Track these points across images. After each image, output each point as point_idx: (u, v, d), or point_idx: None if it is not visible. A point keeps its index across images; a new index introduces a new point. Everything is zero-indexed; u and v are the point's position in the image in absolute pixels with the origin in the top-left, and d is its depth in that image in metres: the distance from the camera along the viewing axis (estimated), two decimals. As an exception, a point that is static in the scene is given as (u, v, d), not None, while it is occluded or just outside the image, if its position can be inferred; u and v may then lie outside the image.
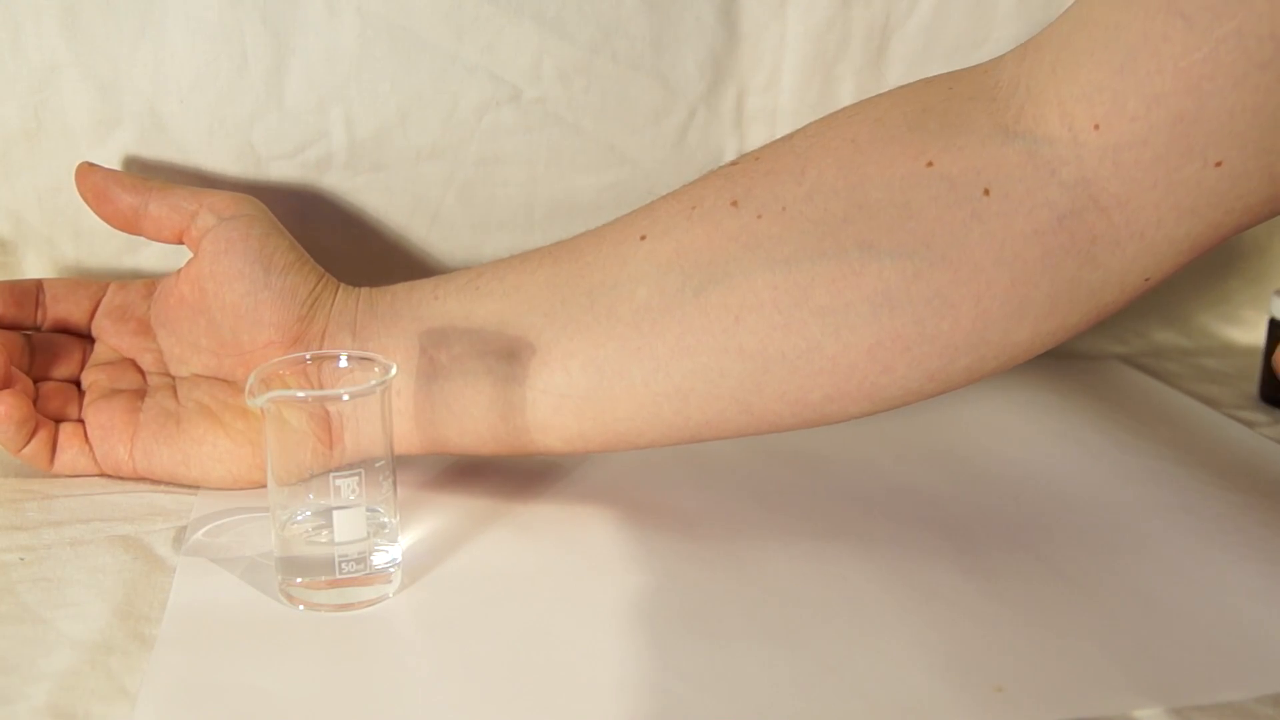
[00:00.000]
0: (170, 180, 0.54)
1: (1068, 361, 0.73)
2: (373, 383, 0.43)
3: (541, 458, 0.57)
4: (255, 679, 0.39)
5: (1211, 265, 0.77)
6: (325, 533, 0.43)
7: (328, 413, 0.47)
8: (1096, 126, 0.43)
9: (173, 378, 0.54)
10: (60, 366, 0.54)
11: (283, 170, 0.59)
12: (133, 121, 0.57)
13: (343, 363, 0.46)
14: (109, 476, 0.52)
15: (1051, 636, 0.43)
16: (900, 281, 0.44)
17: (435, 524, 0.50)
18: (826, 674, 0.40)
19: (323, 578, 0.43)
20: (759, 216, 0.47)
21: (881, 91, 0.50)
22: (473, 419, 0.50)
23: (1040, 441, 0.61)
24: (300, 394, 0.44)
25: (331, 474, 0.43)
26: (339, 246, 0.61)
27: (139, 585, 0.44)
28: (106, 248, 0.59)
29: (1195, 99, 0.41)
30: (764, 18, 0.60)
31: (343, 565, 0.43)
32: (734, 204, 0.47)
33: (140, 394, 0.53)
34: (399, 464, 0.46)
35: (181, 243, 0.52)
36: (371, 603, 0.44)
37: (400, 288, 0.52)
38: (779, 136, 0.50)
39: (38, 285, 0.54)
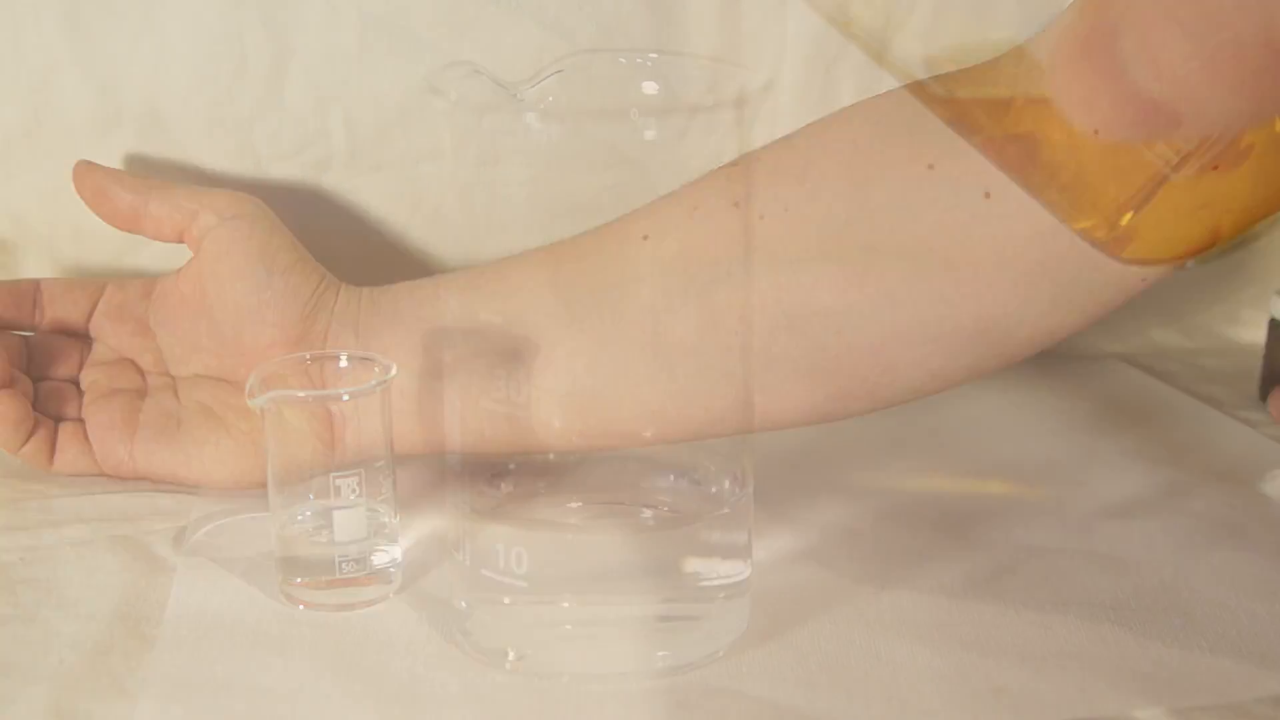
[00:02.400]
0: (170, 180, 0.54)
1: (1068, 361, 0.73)
2: (373, 382, 0.43)
3: (542, 457, 0.56)
4: (255, 679, 0.39)
5: (1211, 265, 0.77)
6: (325, 533, 0.43)
7: (329, 413, 0.47)
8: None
9: (173, 378, 0.53)
10: (59, 366, 0.54)
11: (283, 170, 0.59)
12: (133, 121, 0.57)
13: (343, 363, 0.46)
14: (109, 476, 0.52)
15: (1051, 637, 0.43)
16: (902, 282, 0.45)
17: (435, 524, 0.50)
18: (826, 674, 0.40)
19: (323, 578, 0.43)
20: (761, 217, 0.47)
21: (881, 92, 0.50)
22: (475, 418, 0.50)
23: (1040, 441, 0.61)
24: (301, 394, 0.44)
25: (331, 474, 0.43)
26: (339, 246, 0.61)
27: (139, 585, 0.44)
28: (106, 248, 0.59)
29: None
30: (764, 18, 0.60)
31: (343, 565, 0.43)
32: (735, 204, 0.47)
33: (140, 394, 0.53)
34: (399, 464, 0.46)
35: (182, 242, 0.52)
36: (371, 603, 0.44)
37: (402, 287, 0.52)
38: (779, 137, 0.50)
39: (35, 286, 0.54)
